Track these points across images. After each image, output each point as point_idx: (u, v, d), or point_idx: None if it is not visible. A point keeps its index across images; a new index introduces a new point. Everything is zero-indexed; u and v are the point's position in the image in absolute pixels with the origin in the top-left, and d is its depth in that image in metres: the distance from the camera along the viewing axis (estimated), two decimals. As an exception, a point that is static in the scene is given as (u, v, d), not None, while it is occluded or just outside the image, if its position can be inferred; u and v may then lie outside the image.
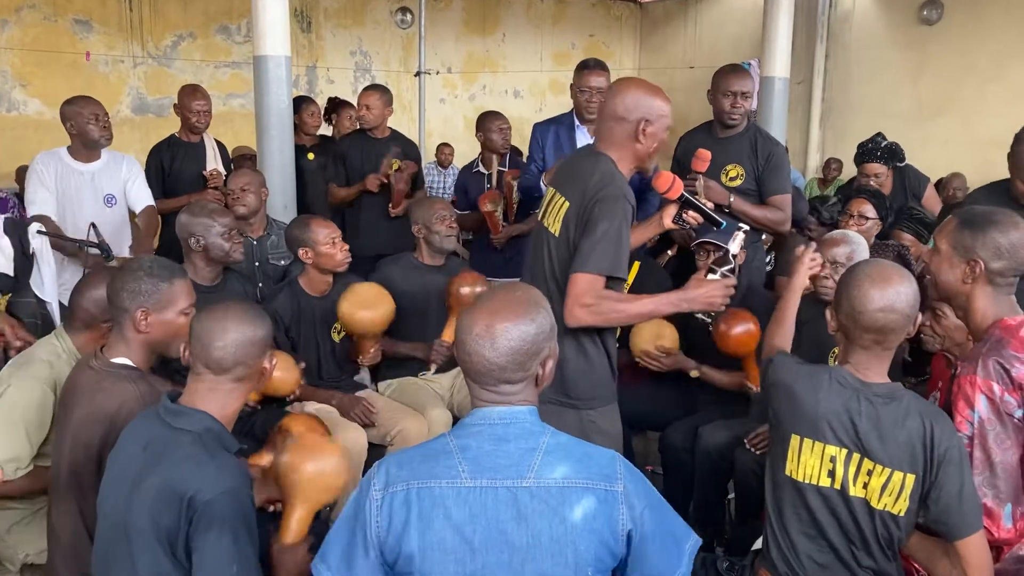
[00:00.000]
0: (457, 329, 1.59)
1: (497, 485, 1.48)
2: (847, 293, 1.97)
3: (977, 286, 2.13)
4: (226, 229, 3.23)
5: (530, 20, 10.32)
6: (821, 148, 9.16)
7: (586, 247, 2.33)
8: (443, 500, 1.47)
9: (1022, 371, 2.00)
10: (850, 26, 8.86)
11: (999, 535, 1.99)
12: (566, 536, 1.48)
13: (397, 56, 9.53)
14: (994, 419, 2.00)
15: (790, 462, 1.99)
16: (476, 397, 1.58)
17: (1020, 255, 2.09)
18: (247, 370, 1.92)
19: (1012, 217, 2.14)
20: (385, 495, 1.48)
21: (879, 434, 1.93)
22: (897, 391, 1.98)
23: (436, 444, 1.56)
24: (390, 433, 3.30)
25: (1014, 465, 2.01)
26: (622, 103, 2.44)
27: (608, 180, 2.39)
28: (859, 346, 1.99)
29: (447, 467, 1.49)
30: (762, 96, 6.64)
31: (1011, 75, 7.53)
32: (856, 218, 3.73)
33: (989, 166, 7.48)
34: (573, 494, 1.50)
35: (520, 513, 1.48)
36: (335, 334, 3.49)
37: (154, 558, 1.75)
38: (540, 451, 1.53)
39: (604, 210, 2.34)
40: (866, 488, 1.95)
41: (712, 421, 3.17)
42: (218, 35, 8.14)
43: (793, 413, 2.01)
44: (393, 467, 1.52)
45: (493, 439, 1.52)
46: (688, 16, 10.30)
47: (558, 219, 2.48)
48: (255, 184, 3.95)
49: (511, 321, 1.54)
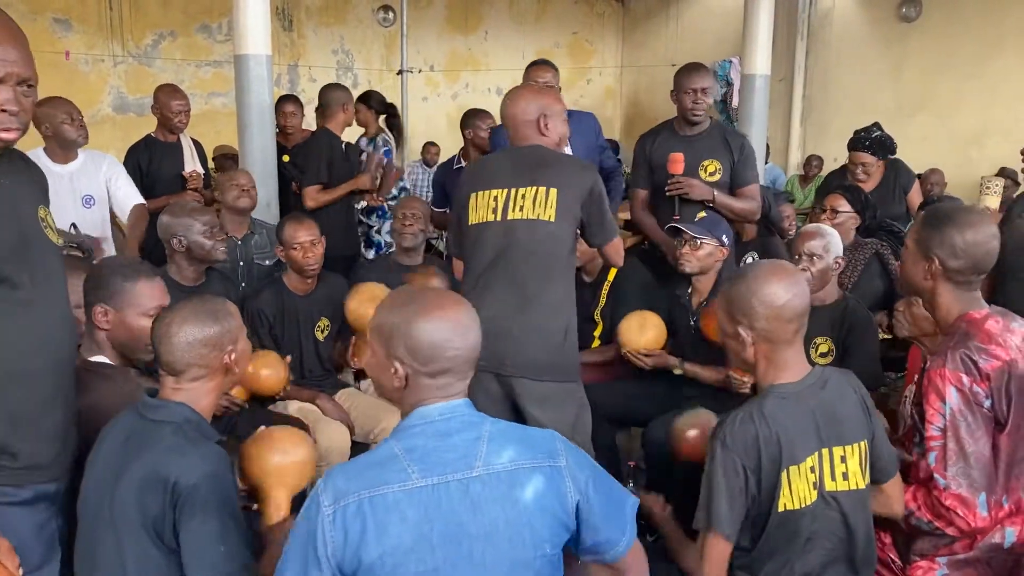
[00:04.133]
0: (417, 327, 1.56)
1: (448, 480, 1.50)
2: (758, 297, 1.92)
3: (938, 283, 2.16)
4: (207, 227, 3.22)
5: (513, 18, 10.32)
6: (802, 145, 9.23)
7: (607, 220, 2.83)
8: (396, 504, 1.47)
9: (989, 362, 2.04)
10: (830, 23, 8.92)
11: (975, 523, 2.02)
12: (520, 518, 1.51)
13: (379, 54, 9.51)
14: (965, 410, 2.03)
15: (783, 498, 1.91)
16: (421, 399, 1.57)
17: (977, 255, 2.11)
18: (203, 370, 1.91)
19: (972, 216, 2.16)
20: (336, 509, 1.46)
21: (837, 417, 1.96)
22: (822, 373, 2.00)
23: (381, 451, 1.55)
24: (373, 431, 3.31)
25: (986, 455, 2.04)
26: (524, 108, 2.84)
27: (583, 162, 2.98)
28: (784, 343, 1.95)
29: (396, 471, 1.49)
30: (743, 93, 6.68)
31: (988, 72, 7.62)
32: (829, 212, 3.77)
33: (967, 162, 7.60)
34: (522, 474, 1.53)
35: (474, 503, 1.50)
36: (319, 333, 3.50)
37: (141, 547, 1.76)
38: (484, 439, 1.55)
39: (601, 189, 2.80)
40: (846, 478, 1.96)
41: (695, 416, 3.19)
42: (199, 34, 8.09)
43: (774, 459, 1.92)
44: (340, 480, 1.50)
45: (436, 435, 1.53)
46: (670, 14, 10.34)
47: (549, 205, 2.70)
48: (252, 182, 4.04)
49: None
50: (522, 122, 2.84)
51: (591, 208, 2.75)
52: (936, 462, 2.05)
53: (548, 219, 2.69)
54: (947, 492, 2.03)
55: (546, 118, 2.82)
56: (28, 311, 1.78)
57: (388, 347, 1.56)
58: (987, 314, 2.13)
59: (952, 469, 2.02)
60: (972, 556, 2.07)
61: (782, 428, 1.90)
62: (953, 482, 2.02)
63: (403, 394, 1.58)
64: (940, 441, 2.04)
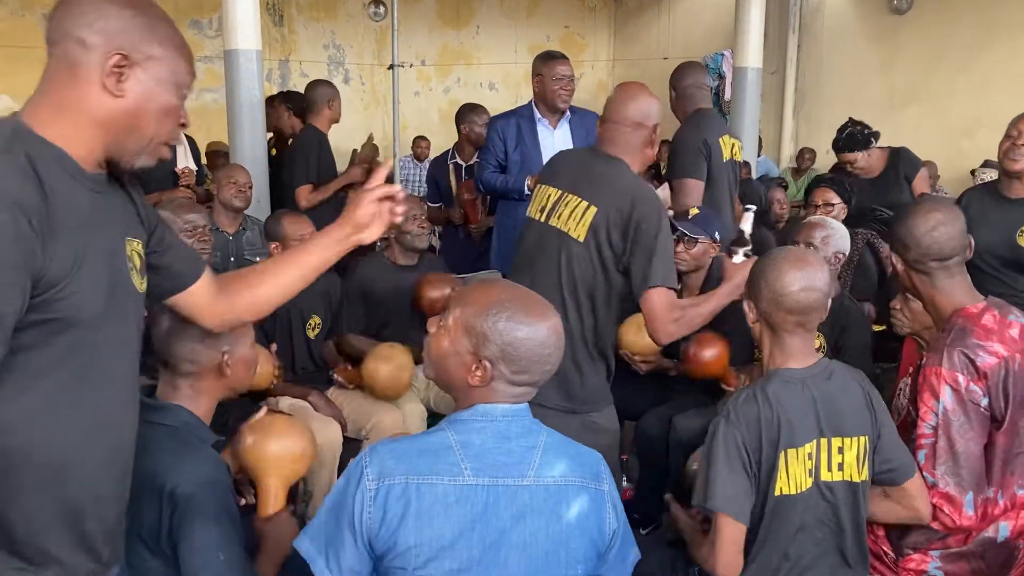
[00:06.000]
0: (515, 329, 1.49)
1: (499, 483, 1.47)
2: (766, 279, 1.95)
3: (913, 275, 2.19)
4: (188, 225, 3.20)
5: (504, 12, 10.30)
6: (795, 138, 9.23)
7: (654, 263, 2.38)
8: (444, 497, 1.44)
9: (987, 360, 2.04)
10: (822, 16, 8.92)
11: (961, 521, 2.03)
12: (561, 534, 1.48)
13: (370, 49, 9.49)
14: (958, 410, 2.03)
15: (780, 481, 1.92)
16: (489, 398, 1.51)
17: (924, 243, 2.13)
18: (193, 366, 1.88)
19: (918, 207, 2.20)
20: (380, 486, 1.43)
21: (838, 409, 1.96)
22: (828, 365, 2.01)
23: (435, 439, 1.51)
24: (365, 427, 3.30)
25: (976, 455, 2.05)
26: (638, 109, 2.49)
27: (645, 190, 2.47)
28: (785, 332, 1.97)
29: (449, 464, 1.46)
30: (735, 86, 6.69)
31: (980, 64, 7.62)
32: (823, 207, 3.78)
33: (959, 154, 7.61)
34: (570, 492, 1.50)
35: (519, 511, 1.47)
36: (310, 331, 3.48)
37: (137, 556, 1.73)
38: (539, 449, 1.51)
39: (654, 223, 2.39)
40: (841, 469, 1.96)
41: (686, 410, 3.19)
42: (189, 29, 8.05)
43: (773, 441, 1.93)
44: (389, 459, 1.46)
45: (497, 436, 1.50)
46: (662, 7, 10.32)
47: (582, 223, 2.46)
48: (250, 181, 4.04)
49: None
50: (633, 124, 2.49)
51: (631, 242, 2.40)
52: (926, 460, 2.05)
53: (577, 237, 2.47)
54: (935, 490, 2.03)
55: (656, 134, 2.50)
56: (91, 386, 1.40)
57: (477, 346, 1.48)
58: (984, 307, 2.13)
59: (941, 468, 2.03)
60: (966, 549, 2.08)
61: (783, 410, 1.91)
62: (941, 480, 2.03)
63: (472, 390, 1.52)
64: (931, 439, 2.05)
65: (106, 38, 1.32)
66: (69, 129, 1.33)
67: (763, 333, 2.02)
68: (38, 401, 1.33)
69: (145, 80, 1.36)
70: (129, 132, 1.38)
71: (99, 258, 1.36)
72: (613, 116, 2.53)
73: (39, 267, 1.24)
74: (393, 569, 1.44)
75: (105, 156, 1.39)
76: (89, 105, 1.34)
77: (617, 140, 2.52)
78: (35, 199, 1.24)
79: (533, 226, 2.63)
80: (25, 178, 1.24)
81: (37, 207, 1.24)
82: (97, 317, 1.35)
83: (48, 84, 1.35)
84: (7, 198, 1.21)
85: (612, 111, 2.54)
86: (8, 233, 1.20)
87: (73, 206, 1.31)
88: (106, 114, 1.35)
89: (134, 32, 1.34)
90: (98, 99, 1.34)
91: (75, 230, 1.30)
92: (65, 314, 1.30)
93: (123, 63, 1.33)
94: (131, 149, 1.40)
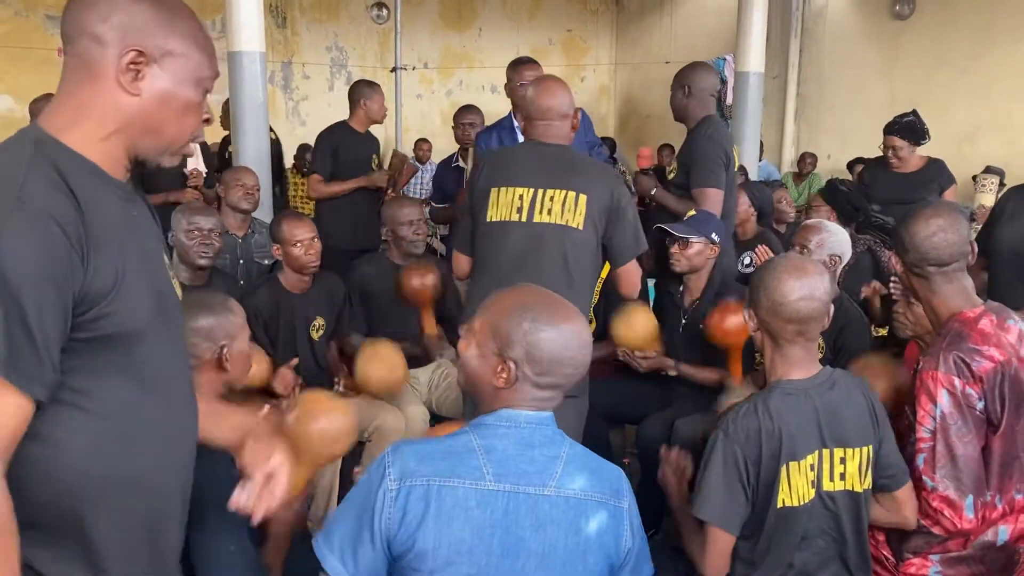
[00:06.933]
0: (547, 336, 1.50)
1: (520, 491, 1.46)
2: (765, 288, 1.95)
3: (913, 279, 2.20)
4: (192, 228, 3.21)
5: (506, 15, 10.31)
6: (796, 142, 9.23)
7: (638, 237, 2.72)
8: (465, 501, 1.43)
9: (983, 364, 2.04)
10: (824, 21, 8.93)
11: (961, 525, 2.03)
12: (579, 547, 1.48)
13: (373, 52, 9.50)
14: (955, 413, 2.03)
15: (782, 493, 1.93)
16: (514, 403, 1.51)
17: (923, 247, 2.13)
18: (195, 360, 1.86)
19: (920, 212, 2.19)
20: (401, 487, 1.43)
21: (841, 419, 1.96)
22: (831, 374, 2.01)
23: (458, 441, 1.50)
24: (367, 429, 3.30)
25: (975, 458, 2.05)
26: (564, 102, 2.71)
27: (612, 170, 2.77)
28: (785, 341, 1.96)
29: (471, 467, 1.46)
30: (737, 91, 6.68)
31: (981, 68, 7.63)
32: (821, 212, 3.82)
33: (960, 159, 7.59)
34: (590, 506, 1.50)
35: (539, 521, 1.46)
36: (314, 332, 3.48)
37: None
38: (562, 460, 1.51)
39: (628, 200, 2.71)
40: (843, 479, 1.97)
41: (688, 414, 3.19)
42: (192, 30, 8.04)
43: (774, 454, 1.93)
44: (411, 460, 1.46)
45: (520, 443, 1.49)
46: (664, 11, 10.34)
47: (578, 212, 2.61)
48: (257, 184, 4.07)
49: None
50: (558, 115, 2.71)
51: (615, 221, 2.66)
52: (925, 464, 2.05)
53: (577, 227, 2.62)
54: (935, 493, 2.04)
55: (576, 117, 2.73)
56: (156, 396, 1.36)
57: (503, 347, 1.49)
58: (981, 312, 2.13)
59: (940, 471, 2.03)
60: (966, 554, 2.08)
61: (785, 423, 1.91)
62: (941, 484, 2.03)
63: (498, 393, 1.52)
64: (930, 443, 2.05)
65: (121, 34, 1.24)
66: (92, 133, 1.27)
67: (764, 342, 2.02)
68: (108, 420, 1.29)
69: (163, 77, 1.28)
70: (149, 132, 1.31)
71: (141, 268, 1.31)
72: (546, 113, 2.71)
73: (81, 283, 1.19)
74: (409, 571, 1.44)
75: (129, 158, 1.33)
76: (109, 106, 1.27)
77: (551, 133, 2.72)
78: (71, 212, 1.18)
79: (513, 229, 2.64)
80: (56, 190, 1.19)
81: (73, 220, 1.18)
82: (148, 327, 1.30)
83: (67, 85, 1.29)
84: (42, 212, 1.15)
85: (542, 108, 2.71)
86: (46, 249, 1.15)
87: (107, 216, 1.25)
88: (125, 114, 1.28)
89: (150, 27, 1.26)
90: (116, 98, 1.27)
91: (112, 242, 1.24)
92: (115, 329, 1.25)
93: (139, 60, 1.26)
94: (154, 149, 1.34)
